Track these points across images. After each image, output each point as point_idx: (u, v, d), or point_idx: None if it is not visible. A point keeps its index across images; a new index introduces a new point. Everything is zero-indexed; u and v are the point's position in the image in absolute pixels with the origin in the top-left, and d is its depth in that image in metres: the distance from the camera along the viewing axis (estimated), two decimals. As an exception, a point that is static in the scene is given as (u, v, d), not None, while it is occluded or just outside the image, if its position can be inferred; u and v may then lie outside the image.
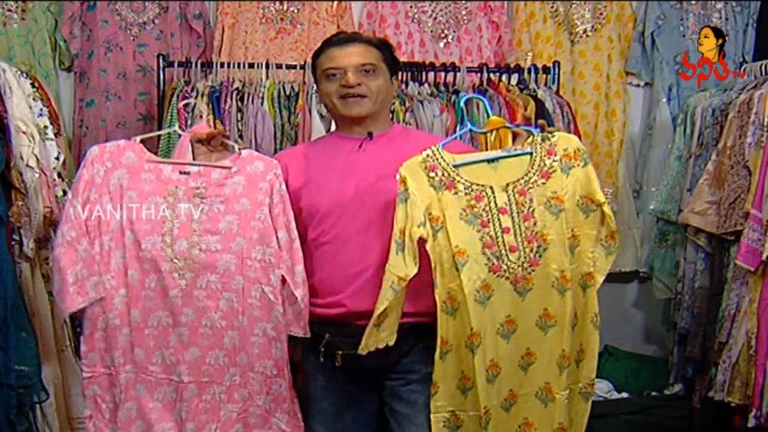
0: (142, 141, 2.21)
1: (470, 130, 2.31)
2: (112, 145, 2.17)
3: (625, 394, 3.58)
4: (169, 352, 2.15)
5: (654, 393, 3.53)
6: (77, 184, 2.13)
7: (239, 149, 2.21)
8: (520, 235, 2.06)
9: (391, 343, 2.09)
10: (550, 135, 2.11)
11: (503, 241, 2.05)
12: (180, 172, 2.16)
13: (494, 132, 2.40)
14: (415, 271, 2.05)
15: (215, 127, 3.05)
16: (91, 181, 2.12)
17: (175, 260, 2.13)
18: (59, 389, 2.67)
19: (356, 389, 2.28)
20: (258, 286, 2.16)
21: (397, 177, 2.09)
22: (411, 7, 3.78)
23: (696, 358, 3.10)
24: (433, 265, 2.07)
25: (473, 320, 2.03)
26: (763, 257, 2.59)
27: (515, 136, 2.19)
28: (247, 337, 2.16)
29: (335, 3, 3.74)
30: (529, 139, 2.11)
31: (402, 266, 2.04)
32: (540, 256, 2.06)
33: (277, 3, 3.72)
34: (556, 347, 2.09)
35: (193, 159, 2.23)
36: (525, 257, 2.06)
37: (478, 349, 2.03)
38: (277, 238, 2.16)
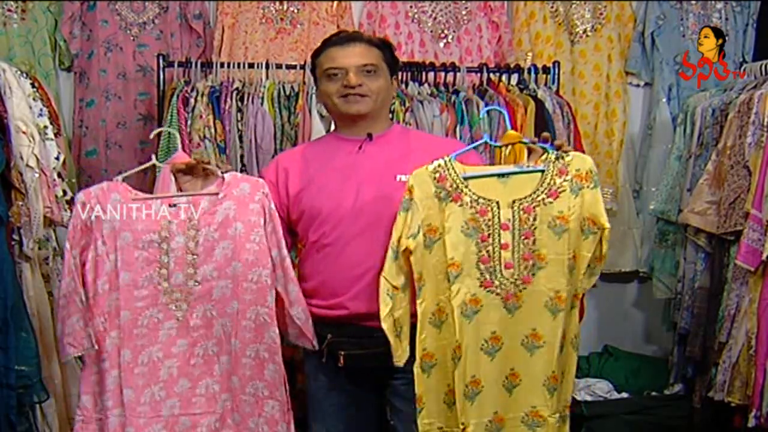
0: (125, 179, 2.18)
1: (486, 143, 2.31)
2: (96, 188, 2.13)
3: (625, 394, 3.57)
4: (159, 387, 2.12)
5: (654, 393, 3.53)
6: (71, 234, 2.10)
7: (222, 173, 2.17)
8: (518, 252, 2.04)
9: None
10: (564, 154, 2.08)
11: (500, 257, 2.04)
12: (168, 206, 2.14)
13: (509, 146, 2.40)
14: (404, 280, 2.06)
15: (215, 129, 3.07)
16: (83, 227, 2.10)
17: (172, 293, 2.12)
18: (59, 389, 2.67)
19: (358, 389, 2.28)
20: (254, 308, 2.13)
21: (403, 178, 2.09)
22: (411, 7, 3.78)
23: (696, 358, 3.10)
24: (417, 275, 2.05)
25: (458, 333, 2.02)
26: (763, 257, 2.59)
27: (530, 152, 2.16)
28: (239, 360, 2.14)
29: (335, 3, 3.74)
30: (543, 157, 2.09)
31: (394, 274, 2.05)
32: (533, 274, 2.04)
33: (277, 3, 3.72)
34: (545, 369, 2.05)
35: (178, 189, 2.20)
36: (519, 274, 2.04)
37: (459, 362, 2.02)
38: (270, 257, 2.15)
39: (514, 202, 2.05)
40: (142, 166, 2.47)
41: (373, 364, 2.16)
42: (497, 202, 2.05)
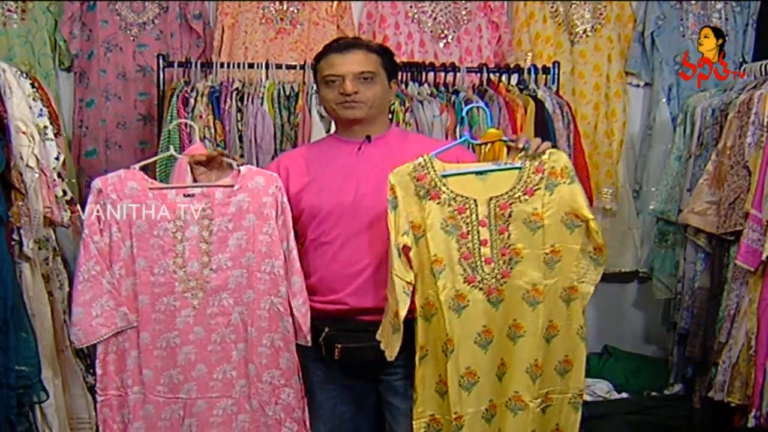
0: (142, 168, 2.25)
1: (467, 141, 2.37)
2: (113, 176, 2.20)
3: (625, 394, 3.58)
4: (177, 371, 2.20)
5: (654, 393, 3.53)
6: (88, 220, 2.17)
7: (238, 166, 2.24)
8: (496, 247, 2.10)
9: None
10: (540, 152, 2.14)
11: (480, 253, 2.10)
12: (184, 195, 2.20)
13: (489, 144, 2.45)
14: (412, 275, 2.10)
15: (215, 129, 3.07)
16: (100, 214, 2.17)
17: (188, 281, 2.18)
18: (59, 389, 2.67)
19: (354, 383, 2.32)
20: (267, 298, 2.20)
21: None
22: (411, 7, 3.79)
23: (696, 358, 3.10)
24: (415, 271, 2.11)
25: (447, 327, 2.07)
26: (763, 257, 2.59)
27: (509, 150, 2.22)
28: (255, 348, 2.20)
29: (335, 3, 3.74)
30: (520, 154, 2.15)
31: (404, 271, 2.09)
32: (511, 268, 2.10)
33: (277, 3, 3.72)
34: (527, 357, 2.12)
35: (194, 179, 2.28)
36: (498, 269, 2.10)
37: (452, 354, 2.07)
38: (282, 248, 2.20)
39: (491, 199, 2.11)
40: (160, 155, 2.52)
41: (369, 357, 2.20)
42: (474, 200, 2.11)
